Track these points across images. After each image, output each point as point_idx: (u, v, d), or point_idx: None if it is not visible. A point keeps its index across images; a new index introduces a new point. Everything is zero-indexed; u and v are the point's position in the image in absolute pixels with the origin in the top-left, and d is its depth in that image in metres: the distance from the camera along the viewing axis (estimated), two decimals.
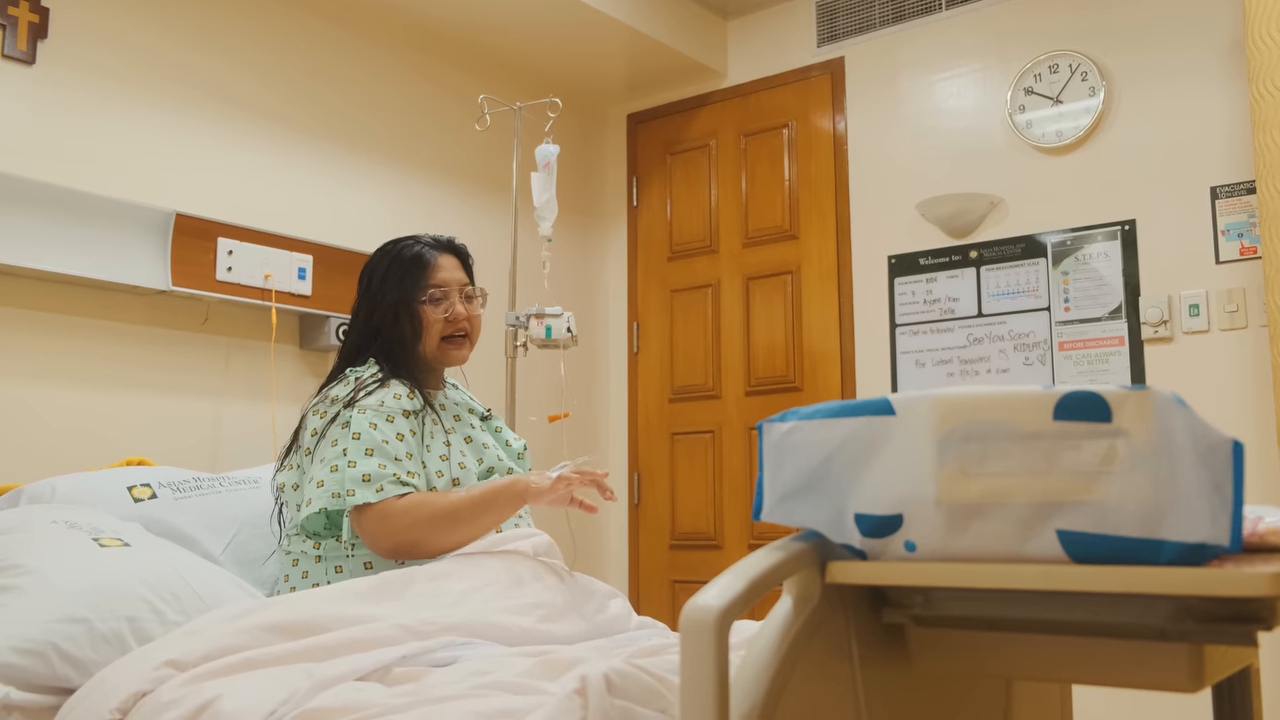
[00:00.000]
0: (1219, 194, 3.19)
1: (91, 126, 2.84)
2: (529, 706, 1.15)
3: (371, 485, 1.90)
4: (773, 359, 3.99)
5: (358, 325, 2.21)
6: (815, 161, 3.98)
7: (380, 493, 1.89)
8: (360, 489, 1.89)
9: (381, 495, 1.89)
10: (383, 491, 1.89)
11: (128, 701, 1.34)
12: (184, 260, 2.86)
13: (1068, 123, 3.46)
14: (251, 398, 3.12)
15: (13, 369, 2.65)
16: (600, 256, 4.46)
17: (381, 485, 1.90)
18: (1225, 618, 0.88)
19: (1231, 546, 0.88)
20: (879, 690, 1.07)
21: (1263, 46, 2.62)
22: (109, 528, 1.91)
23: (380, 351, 2.15)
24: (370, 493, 1.89)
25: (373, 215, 3.52)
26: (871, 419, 1.00)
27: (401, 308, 2.15)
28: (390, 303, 2.16)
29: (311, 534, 2.00)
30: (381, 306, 2.16)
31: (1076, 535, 0.90)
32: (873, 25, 3.90)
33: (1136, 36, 3.37)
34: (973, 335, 3.57)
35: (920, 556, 0.97)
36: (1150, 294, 3.27)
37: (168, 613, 1.68)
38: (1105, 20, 3.43)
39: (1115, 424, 0.90)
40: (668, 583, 4.15)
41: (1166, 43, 3.32)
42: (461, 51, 3.89)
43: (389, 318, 2.15)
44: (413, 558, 1.91)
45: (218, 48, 3.14)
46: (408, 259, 2.19)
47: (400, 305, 2.15)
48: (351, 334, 2.22)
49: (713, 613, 0.87)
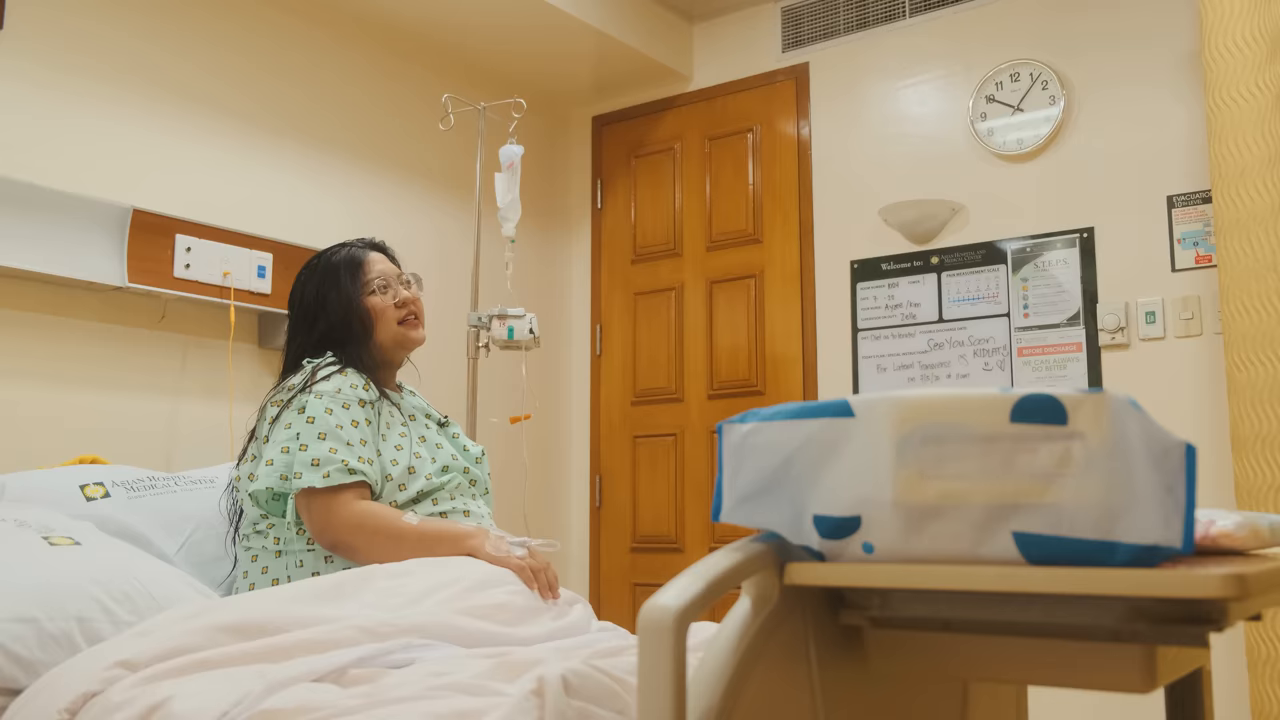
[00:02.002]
0: (1175, 203, 3.24)
1: (48, 120, 2.80)
2: (486, 707, 1.14)
3: (320, 470, 1.90)
4: (735, 362, 4.00)
5: (299, 338, 2.20)
6: (779, 166, 4.00)
7: (327, 479, 1.90)
8: (308, 472, 1.90)
9: (328, 482, 1.90)
10: (329, 478, 1.90)
11: (76, 702, 1.32)
12: (141, 257, 2.82)
13: (1028, 131, 3.49)
14: (209, 396, 3.08)
15: None
16: (564, 258, 4.46)
17: (329, 472, 1.90)
18: (1178, 619, 0.89)
19: (1184, 549, 0.89)
20: (836, 691, 1.07)
21: (1220, 59, 2.66)
22: (60, 526, 1.88)
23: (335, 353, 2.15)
24: (317, 478, 1.90)
25: (334, 214, 3.49)
26: (831, 421, 1.00)
27: (348, 307, 2.15)
28: (334, 306, 2.15)
29: (258, 506, 1.99)
30: (325, 313, 2.16)
31: (1032, 537, 0.91)
32: (837, 31, 3.92)
33: (1096, 47, 3.41)
34: (934, 340, 3.60)
35: (878, 558, 0.97)
36: (1108, 301, 3.31)
37: (119, 612, 1.65)
38: (1066, 31, 3.46)
39: (1071, 427, 0.91)
40: (629, 585, 4.14)
41: (1125, 54, 3.36)
42: (426, 50, 3.87)
43: (336, 320, 2.15)
44: (347, 559, 1.92)
45: (179, 42, 3.11)
46: (340, 262, 2.21)
47: (346, 305, 2.15)
48: (292, 347, 2.21)
49: (670, 613, 0.86)
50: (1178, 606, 0.88)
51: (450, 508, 2.05)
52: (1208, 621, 0.88)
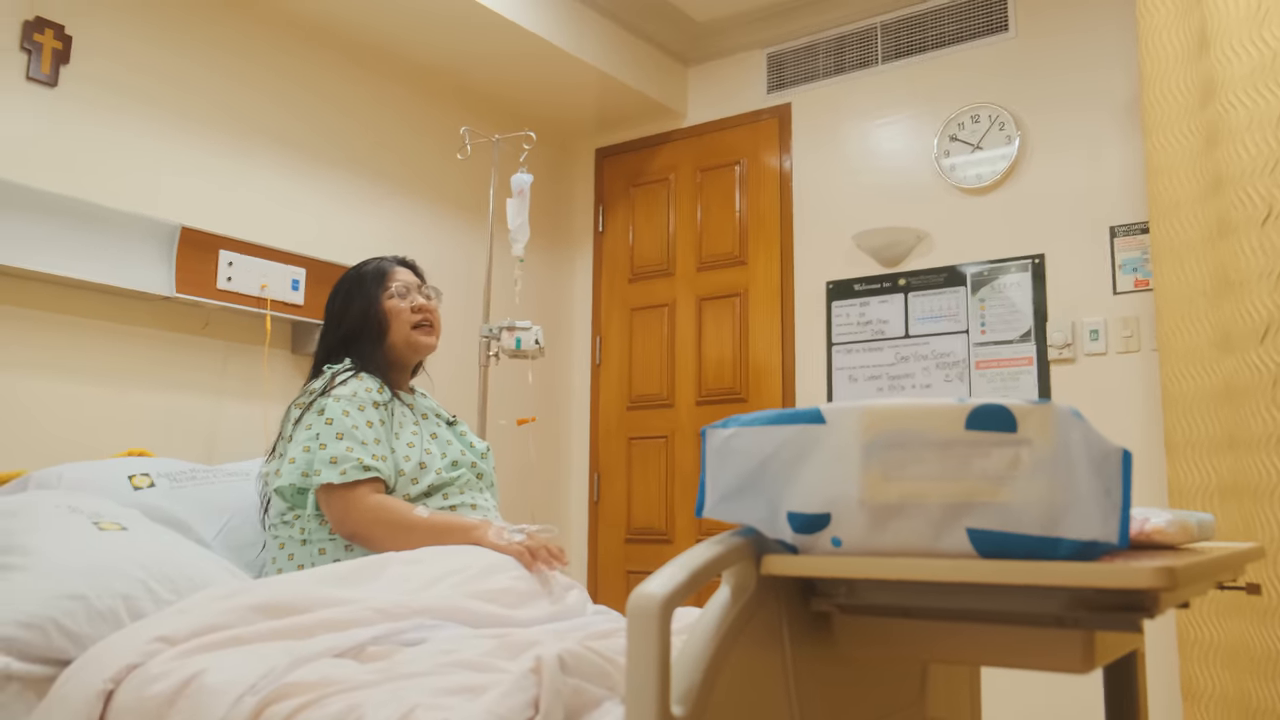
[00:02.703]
0: (1117, 233, 3.24)
1: (106, 144, 2.80)
2: (489, 683, 1.13)
3: (337, 467, 1.91)
4: (721, 372, 3.99)
5: (328, 338, 2.23)
6: (763, 195, 4.00)
7: (344, 475, 1.90)
8: (327, 470, 1.91)
9: (345, 478, 1.90)
10: (346, 475, 1.90)
11: (120, 673, 1.31)
12: (187, 269, 2.82)
13: (986, 167, 3.49)
14: (246, 397, 3.07)
15: (27, 365, 2.59)
16: (568, 276, 4.45)
17: (346, 469, 1.91)
18: (1114, 607, 0.89)
19: (1120, 544, 0.88)
20: (807, 672, 1.06)
21: (1158, 104, 2.66)
22: (109, 513, 1.87)
23: (353, 355, 2.16)
24: (335, 474, 1.90)
25: (361, 233, 3.49)
26: (804, 427, 0.99)
27: (369, 309, 2.18)
28: (358, 308, 2.19)
29: (285, 500, 1.99)
30: (350, 314, 2.19)
31: (985, 533, 0.91)
32: (817, 75, 3.92)
33: (1048, 93, 3.41)
34: (900, 354, 3.60)
35: (846, 551, 0.97)
36: (1056, 320, 3.31)
37: (161, 592, 1.64)
38: (1021, 77, 3.47)
39: (1020, 434, 0.90)
40: (624, 573, 4.13)
41: (1074, 99, 3.36)
42: (447, 86, 3.87)
43: (358, 321, 2.18)
44: (364, 548, 1.91)
45: (227, 73, 3.11)
46: (369, 272, 2.25)
47: (368, 307, 2.18)
48: (322, 345, 2.24)
49: (656, 600, 0.86)
50: (1114, 596, 0.88)
51: (459, 501, 2.04)
52: (1141, 609, 0.88)
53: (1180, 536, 1.11)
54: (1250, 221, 2.31)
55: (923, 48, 3.68)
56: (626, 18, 3.90)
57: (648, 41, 4.05)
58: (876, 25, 3.79)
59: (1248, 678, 2.28)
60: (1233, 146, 2.36)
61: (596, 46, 3.77)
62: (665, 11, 3.99)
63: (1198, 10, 2.52)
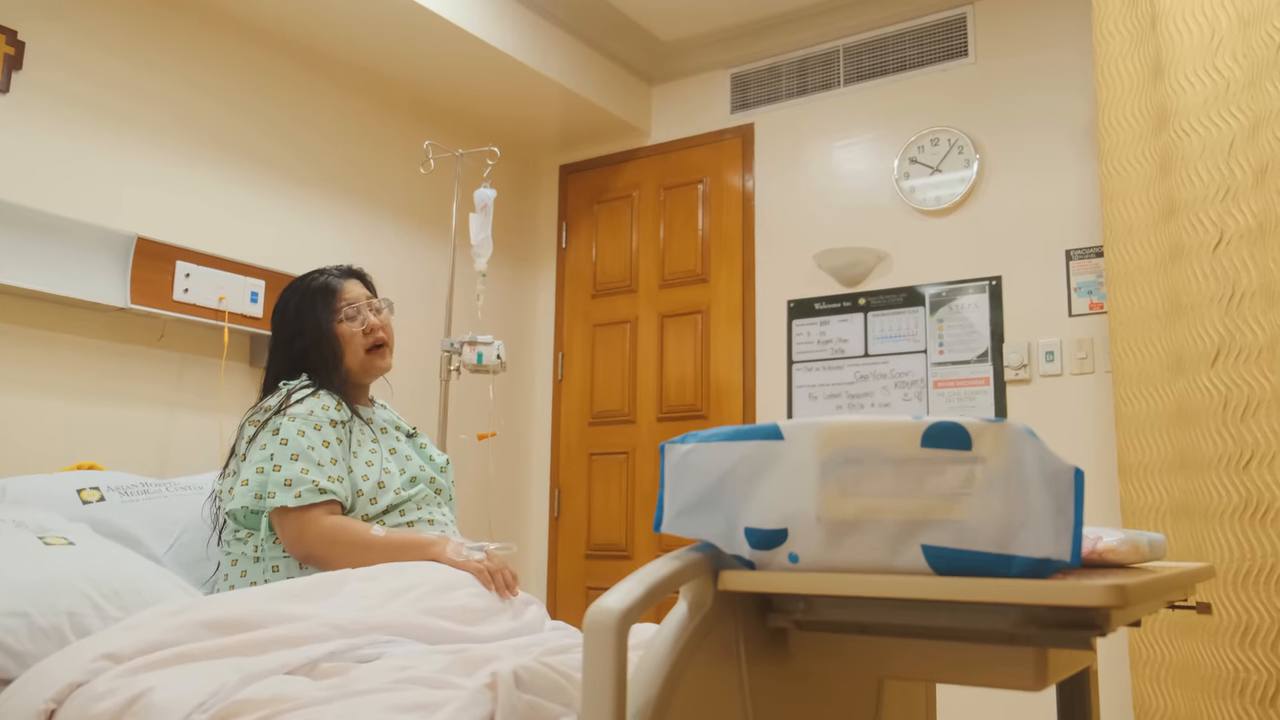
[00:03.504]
0: (1073, 256, 3.29)
1: (60, 152, 2.75)
2: (444, 700, 1.11)
3: (292, 490, 1.86)
4: (683, 389, 4.00)
5: (278, 358, 2.16)
6: (726, 214, 4.02)
7: (299, 499, 1.85)
8: (281, 492, 1.86)
9: (300, 501, 1.85)
10: (301, 498, 1.86)
11: (63, 692, 1.27)
12: (143, 280, 2.78)
13: (945, 190, 3.54)
14: (202, 410, 3.03)
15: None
16: (531, 292, 4.44)
17: (300, 492, 1.86)
18: (1066, 624, 0.89)
19: (1072, 561, 0.89)
20: (764, 688, 1.06)
21: (1112, 131, 2.71)
22: (55, 527, 1.82)
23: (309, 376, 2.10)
24: (290, 497, 1.86)
25: (323, 246, 3.46)
26: (762, 443, 1.00)
27: (320, 332, 2.11)
28: (308, 330, 2.11)
29: (238, 523, 1.94)
30: (301, 335, 2.12)
31: (939, 550, 0.91)
32: (780, 96, 3.96)
33: (1007, 118, 3.47)
34: (859, 373, 3.62)
35: (802, 567, 0.97)
36: (1012, 341, 3.35)
37: (108, 608, 1.60)
38: (980, 103, 3.52)
39: (975, 451, 0.91)
40: (583, 589, 4.11)
41: (1032, 125, 3.42)
42: (412, 101, 3.86)
43: (309, 343, 2.11)
44: (321, 569, 1.87)
45: (185, 82, 3.07)
46: (316, 288, 2.16)
47: (318, 330, 2.11)
48: (272, 367, 2.16)
49: (613, 615, 0.85)
50: (1066, 613, 0.89)
51: (416, 517, 2.02)
52: (1093, 627, 0.89)
53: (1132, 556, 1.12)
54: (1202, 247, 2.36)
55: (884, 71, 3.73)
56: (592, 36, 3.91)
57: (613, 60, 4.06)
58: (839, 48, 3.84)
59: (1199, 696, 2.31)
60: (1185, 173, 2.41)
61: (562, 63, 3.78)
62: (631, 30, 4.01)
63: (1153, 39, 2.58)
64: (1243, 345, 2.26)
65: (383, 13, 3.21)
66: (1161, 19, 2.51)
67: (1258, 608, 2.18)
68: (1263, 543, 2.18)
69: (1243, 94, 2.30)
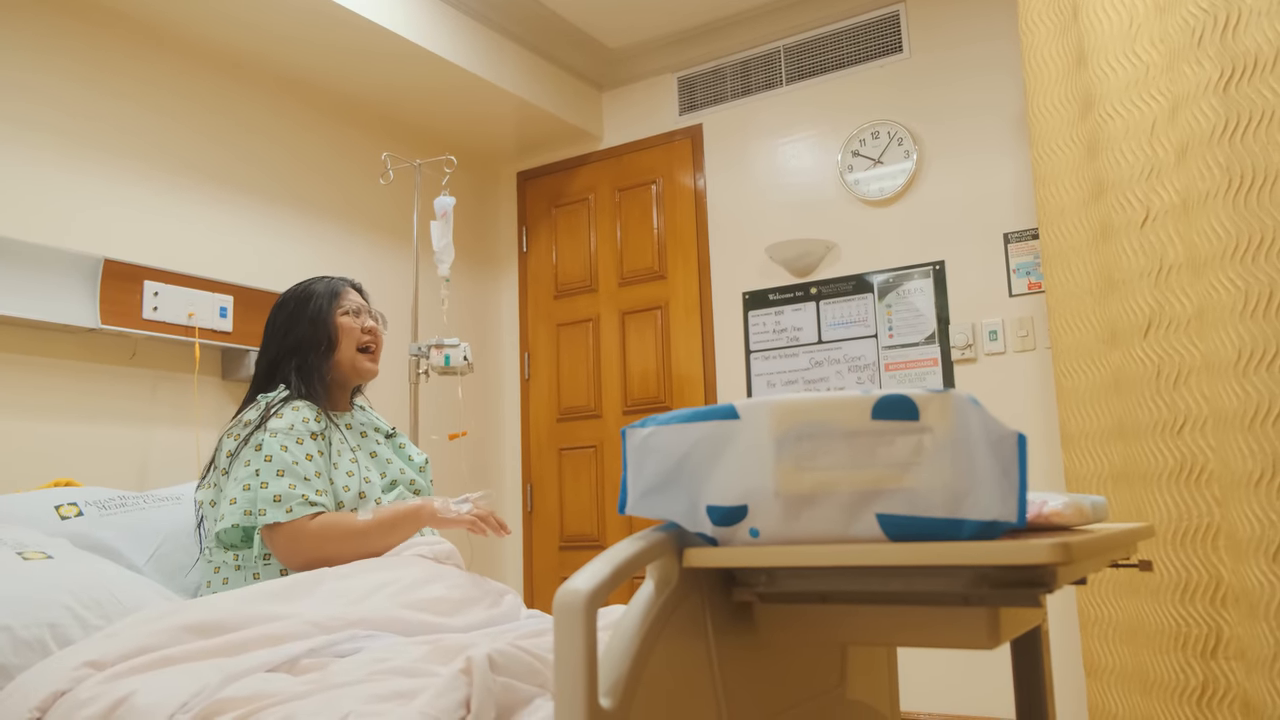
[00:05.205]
0: (1010, 239, 3.33)
1: (25, 178, 2.69)
2: (421, 687, 1.10)
3: (282, 506, 1.82)
4: (646, 382, 4.00)
5: (271, 349, 2.10)
6: (679, 212, 4.02)
7: (290, 514, 1.82)
8: (271, 509, 1.82)
9: (291, 516, 1.81)
10: (292, 513, 1.82)
11: (46, 701, 1.24)
12: (112, 301, 2.73)
13: (888, 181, 3.56)
14: (177, 424, 2.98)
15: None
16: (495, 295, 4.42)
17: (291, 506, 1.82)
18: (1016, 583, 0.90)
19: (1019, 523, 0.90)
20: (732, 660, 1.06)
21: (1041, 118, 2.74)
22: (33, 542, 1.78)
23: (297, 368, 2.06)
24: (280, 513, 1.82)
25: (288, 259, 3.41)
26: (719, 423, 0.99)
27: (319, 321, 2.08)
28: (309, 319, 2.08)
29: (229, 546, 1.91)
30: (300, 324, 2.08)
31: (893, 518, 0.91)
32: (725, 97, 3.97)
33: (942, 110, 3.50)
34: (814, 359, 3.64)
35: (763, 541, 0.97)
36: (957, 322, 3.38)
37: (89, 618, 1.57)
38: (916, 96, 3.55)
39: (922, 421, 0.91)
40: (558, 580, 4.10)
41: (966, 115, 3.46)
42: (368, 114, 3.82)
43: (307, 332, 2.07)
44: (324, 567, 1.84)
45: (146, 106, 3.02)
46: (320, 289, 2.14)
47: (318, 319, 2.08)
48: (264, 357, 2.11)
49: (581, 595, 0.85)
50: (1015, 572, 0.90)
51: None
52: (1040, 584, 0.89)
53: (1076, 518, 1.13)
54: (1130, 224, 2.39)
55: (824, 69, 3.75)
56: (542, 46, 3.90)
57: (563, 68, 4.05)
58: (780, 49, 3.85)
59: (1144, 651, 2.35)
60: (1111, 154, 2.44)
61: (514, 74, 3.76)
62: (579, 40, 3.99)
63: (1075, 28, 2.61)
64: (1172, 316, 2.29)
65: (342, 32, 3.17)
66: (1082, 8, 2.54)
67: (1195, 565, 2.22)
68: (1198, 503, 2.22)
69: (1162, 77, 2.34)
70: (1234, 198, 2.11)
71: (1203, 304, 2.19)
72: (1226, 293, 2.11)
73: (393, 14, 3.22)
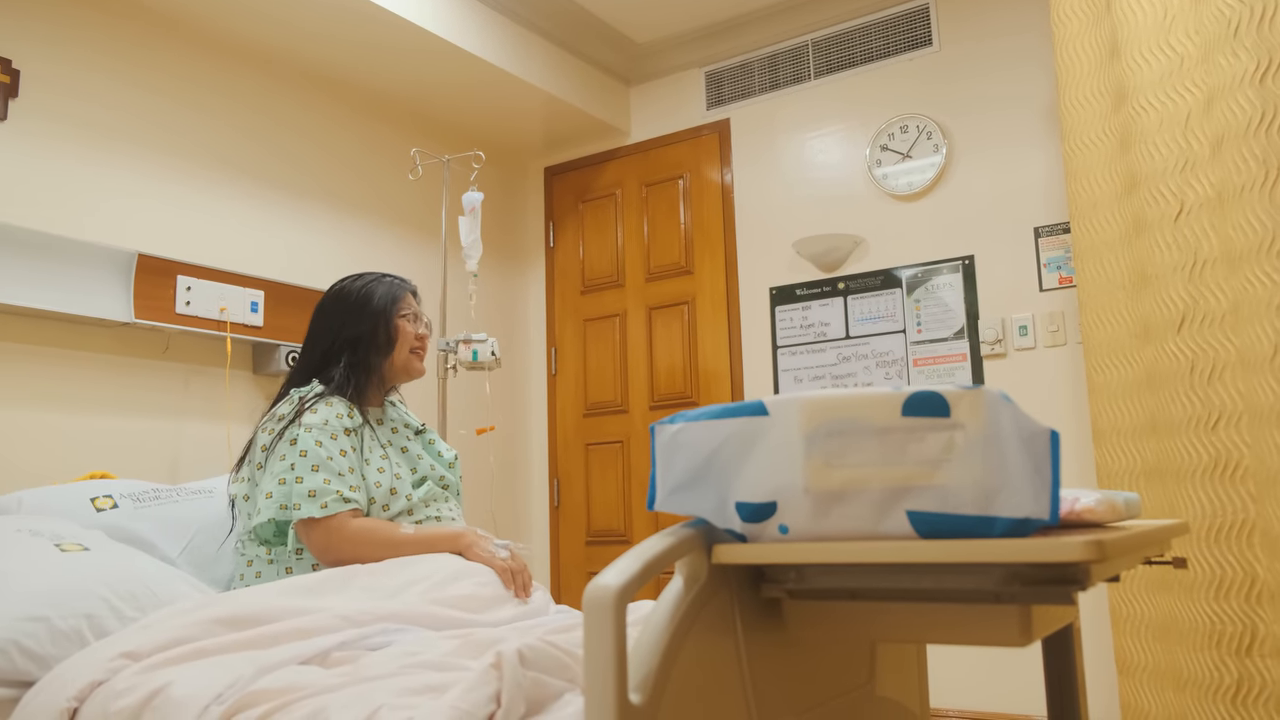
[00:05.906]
0: (1041, 233, 3.29)
1: (60, 175, 2.73)
2: (452, 681, 1.11)
3: (317, 501, 1.83)
4: (672, 378, 3.99)
5: (325, 340, 2.08)
6: (707, 207, 4.01)
7: (325, 509, 1.82)
8: (306, 504, 1.82)
9: (326, 511, 1.82)
10: (327, 508, 1.82)
11: (84, 690, 1.26)
12: (146, 295, 2.76)
13: (916, 175, 3.54)
14: (208, 418, 3.01)
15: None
16: (522, 290, 4.43)
17: (326, 502, 1.83)
18: (1048, 580, 0.89)
19: (1051, 520, 0.89)
20: (760, 656, 1.06)
21: (1073, 110, 2.71)
22: (70, 534, 1.81)
23: (350, 362, 2.05)
24: (315, 508, 1.82)
25: (318, 254, 3.44)
26: (749, 419, 0.99)
27: (380, 320, 2.08)
28: (370, 315, 2.08)
29: (263, 541, 1.92)
30: (361, 320, 2.07)
31: (923, 515, 0.91)
32: (753, 92, 3.95)
33: (971, 103, 3.47)
34: (842, 354, 3.62)
35: (792, 538, 0.97)
36: (987, 317, 3.35)
37: (125, 610, 1.59)
38: (946, 89, 3.52)
39: (954, 418, 0.91)
40: (585, 574, 4.10)
41: (996, 108, 3.42)
42: (397, 110, 3.84)
43: (366, 328, 2.07)
44: None
45: (179, 101, 3.05)
46: (385, 287, 2.14)
47: (379, 317, 2.08)
48: (314, 350, 2.09)
49: (611, 591, 0.85)
50: (1048, 570, 0.89)
51: (424, 515, 2.00)
52: (1073, 582, 0.88)
53: (1109, 515, 1.12)
54: (1164, 218, 2.36)
55: (852, 63, 3.72)
56: (570, 41, 3.90)
57: (591, 64, 4.05)
58: (808, 42, 3.83)
59: (1177, 649, 2.32)
60: (1145, 147, 2.41)
61: (542, 70, 3.76)
62: (607, 35, 3.99)
63: (1108, 19, 2.58)
64: (1206, 311, 2.26)
65: (371, 28, 3.19)
66: (1116, 1, 2.50)
67: (1230, 561, 2.19)
68: (1232, 499, 2.19)
69: (1196, 69, 2.30)
70: (1270, 191, 2.08)
71: (1238, 299, 2.16)
72: (1263, 287, 2.08)
73: (421, 10, 3.23)
